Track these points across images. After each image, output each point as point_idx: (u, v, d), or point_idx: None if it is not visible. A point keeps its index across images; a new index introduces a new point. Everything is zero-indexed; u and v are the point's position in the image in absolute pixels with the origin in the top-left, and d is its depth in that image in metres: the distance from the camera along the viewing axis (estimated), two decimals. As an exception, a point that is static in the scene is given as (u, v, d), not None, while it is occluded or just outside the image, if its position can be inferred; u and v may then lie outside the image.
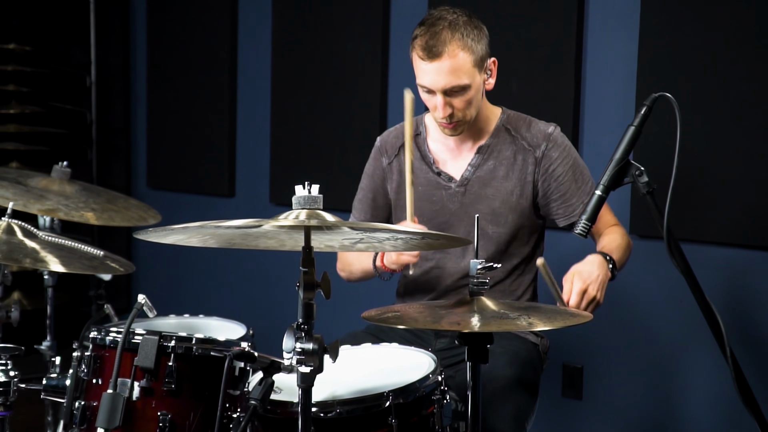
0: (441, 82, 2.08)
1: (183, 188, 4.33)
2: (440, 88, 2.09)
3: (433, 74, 2.08)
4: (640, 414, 3.06)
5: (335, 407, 1.67)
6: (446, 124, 2.16)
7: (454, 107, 2.12)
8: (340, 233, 1.58)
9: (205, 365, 1.68)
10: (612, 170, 1.64)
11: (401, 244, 1.63)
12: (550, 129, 2.24)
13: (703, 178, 2.75)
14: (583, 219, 1.69)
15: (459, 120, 2.15)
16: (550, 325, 1.58)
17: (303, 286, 1.44)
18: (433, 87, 2.10)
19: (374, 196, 2.38)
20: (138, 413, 1.62)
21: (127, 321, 1.60)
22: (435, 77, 2.08)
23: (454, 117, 2.14)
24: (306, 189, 1.46)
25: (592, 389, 3.15)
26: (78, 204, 2.29)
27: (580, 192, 2.23)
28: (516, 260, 2.26)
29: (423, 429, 1.78)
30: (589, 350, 3.15)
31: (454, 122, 2.15)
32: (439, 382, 1.82)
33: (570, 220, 2.23)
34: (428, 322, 1.64)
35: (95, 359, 1.69)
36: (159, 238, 1.54)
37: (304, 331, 1.45)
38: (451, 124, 2.15)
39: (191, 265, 4.35)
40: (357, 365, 1.97)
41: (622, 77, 2.97)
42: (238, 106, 4.15)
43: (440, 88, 2.09)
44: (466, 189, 2.25)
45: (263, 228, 1.54)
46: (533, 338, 2.28)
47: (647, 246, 2.96)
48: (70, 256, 1.90)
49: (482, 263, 1.67)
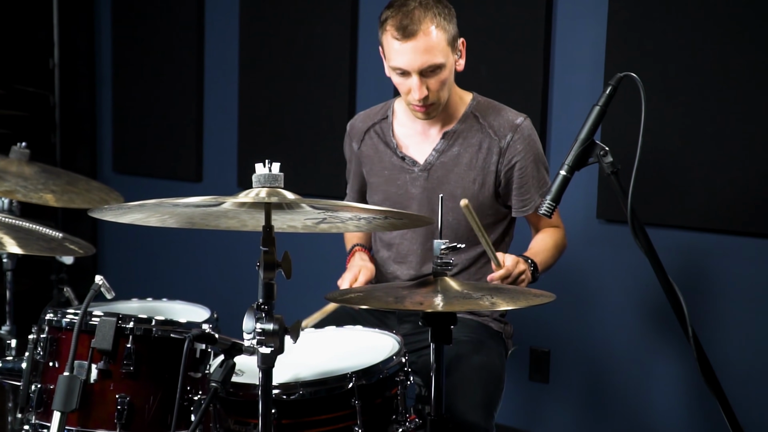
0: (417, 62, 2.05)
1: (149, 173, 4.29)
2: (416, 68, 2.06)
3: (409, 54, 2.05)
4: (606, 397, 3.09)
5: (298, 389, 1.67)
6: (420, 107, 2.13)
7: (429, 89, 2.09)
8: (302, 213, 1.56)
9: (165, 347, 1.65)
10: (577, 150, 1.64)
11: (365, 224, 1.61)
12: (519, 120, 2.21)
13: (667, 162, 2.77)
14: (548, 199, 1.69)
15: (433, 102, 2.13)
16: (513, 305, 1.58)
17: (263, 266, 1.42)
18: (409, 67, 2.06)
19: (361, 178, 2.41)
20: (96, 396, 1.59)
21: (84, 302, 1.57)
22: (411, 57, 2.05)
23: (429, 99, 2.11)
24: (266, 167, 1.43)
25: (559, 373, 3.17)
26: (37, 186, 2.24)
27: (538, 186, 2.23)
28: (480, 248, 2.25)
29: (387, 410, 1.77)
30: (556, 334, 3.17)
31: (429, 105, 2.12)
32: (402, 363, 1.82)
33: (522, 212, 2.24)
34: (391, 302, 1.63)
35: (51, 342, 1.65)
36: (115, 217, 1.51)
37: (264, 311, 1.43)
38: (425, 107, 2.13)
39: (156, 249, 4.31)
40: (320, 347, 1.96)
41: (590, 62, 2.97)
42: (205, 90, 4.11)
43: (416, 68, 2.06)
44: (429, 173, 2.24)
45: (223, 207, 1.52)
46: (496, 326, 2.28)
47: (613, 230, 2.98)
48: (27, 237, 1.86)
49: (446, 243, 1.66)
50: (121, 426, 1.59)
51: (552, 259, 2.23)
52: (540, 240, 2.26)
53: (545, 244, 2.23)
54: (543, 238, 2.26)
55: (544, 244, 2.23)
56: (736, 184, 2.66)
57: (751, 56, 2.60)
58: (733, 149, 2.65)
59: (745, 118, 2.62)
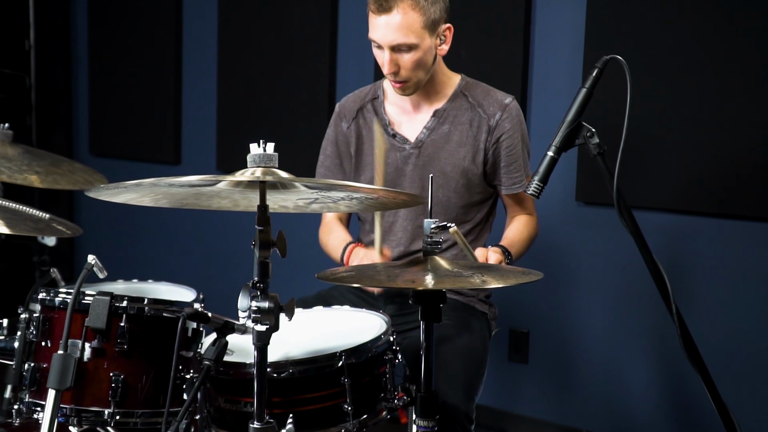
0: (388, 37, 2.10)
1: (127, 155, 4.26)
2: (387, 43, 2.10)
3: (382, 28, 2.10)
4: (584, 377, 3.14)
5: (288, 367, 1.68)
6: (393, 82, 2.18)
7: (400, 66, 2.13)
8: (295, 193, 1.58)
9: (157, 326, 1.67)
10: (564, 131, 1.67)
11: (356, 204, 1.64)
12: (507, 100, 2.26)
13: (646, 145, 2.82)
14: (536, 180, 1.72)
15: (405, 80, 2.16)
16: (503, 283, 1.61)
17: (258, 245, 1.43)
18: (381, 42, 2.11)
19: (340, 161, 2.39)
20: (90, 374, 1.61)
21: (78, 281, 1.58)
22: (383, 32, 2.10)
23: (400, 76, 2.15)
24: (261, 147, 1.45)
25: (538, 353, 3.22)
26: (21, 167, 2.23)
27: (525, 166, 2.28)
28: (468, 226, 2.29)
29: (375, 388, 1.80)
30: (535, 315, 3.21)
31: (401, 81, 2.16)
32: (391, 342, 1.84)
33: (511, 190, 2.28)
34: (382, 280, 1.66)
35: (44, 321, 1.66)
36: (111, 196, 1.52)
37: (259, 289, 1.45)
38: (398, 83, 2.17)
39: (136, 230, 4.29)
40: (309, 327, 1.98)
41: (570, 44, 3.01)
42: (183, 71, 4.08)
43: (387, 43, 2.10)
44: (420, 151, 2.27)
45: (217, 187, 1.53)
46: (481, 307, 2.32)
47: (592, 212, 3.03)
48: (15, 218, 1.86)
49: (436, 222, 1.69)
50: (115, 404, 1.61)
51: (525, 249, 2.29)
52: (515, 229, 2.30)
53: (521, 235, 2.28)
54: (518, 228, 2.30)
55: (519, 234, 2.28)
56: (711, 165, 2.71)
57: (732, 37, 2.64)
58: (710, 131, 2.71)
59: (724, 100, 2.67)
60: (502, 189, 2.29)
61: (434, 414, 1.74)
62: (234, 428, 1.71)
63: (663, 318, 2.91)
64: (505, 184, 2.28)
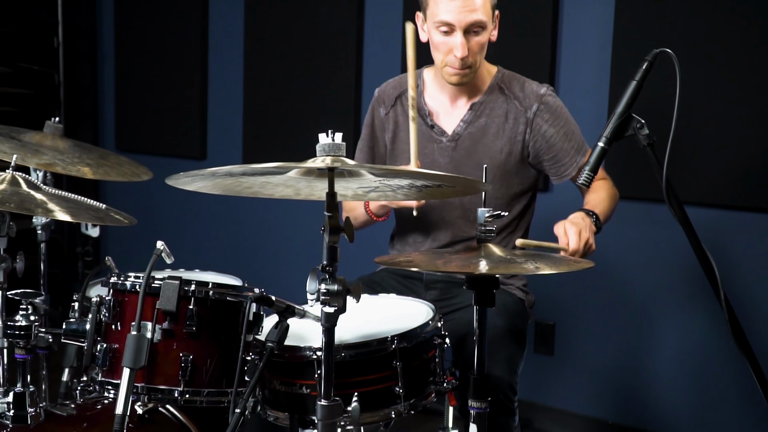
0: (466, 18, 2.13)
1: (152, 151, 4.31)
2: (464, 23, 2.14)
3: (458, 9, 2.13)
4: (610, 370, 3.19)
5: (341, 351, 1.74)
6: (458, 69, 2.21)
7: (469, 50, 2.18)
8: (357, 181, 1.65)
9: (222, 310, 1.75)
10: (614, 123, 1.74)
11: (415, 193, 1.71)
12: (543, 90, 2.32)
13: (689, 142, 2.84)
14: (587, 170, 1.79)
15: (470, 65, 2.21)
16: (556, 270, 1.68)
17: (328, 230, 1.50)
18: (456, 22, 2.14)
19: (374, 145, 2.46)
20: (160, 355, 1.69)
21: (149, 265, 1.65)
22: (460, 12, 2.13)
23: (468, 61, 2.19)
24: (330, 137, 1.53)
25: (564, 346, 3.27)
26: (73, 159, 2.30)
27: (573, 152, 2.31)
28: (507, 219, 2.35)
29: (425, 371, 1.87)
30: (561, 307, 3.26)
31: (466, 67, 2.21)
32: (438, 327, 1.91)
33: (562, 179, 2.34)
34: (438, 265, 1.73)
35: (115, 304, 1.74)
36: (186, 184, 1.60)
37: (328, 273, 1.52)
38: (462, 69, 2.21)
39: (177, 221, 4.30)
40: (359, 313, 2.05)
41: (597, 39, 3.04)
42: (209, 66, 4.12)
43: (464, 23, 2.14)
44: (456, 144, 2.33)
45: (285, 176, 1.61)
46: (520, 294, 2.39)
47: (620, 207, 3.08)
48: (76, 207, 1.93)
49: (490, 211, 1.77)
50: (184, 383, 1.68)
51: (609, 208, 2.27)
52: (593, 194, 2.30)
53: (599, 196, 2.27)
54: (596, 191, 2.30)
55: (597, 196, 2.27)
56: (757, 160, 2.73)
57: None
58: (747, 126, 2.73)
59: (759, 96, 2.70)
60: (555, 179, 2.34)
61: (487, 395, 1.81)
62: (288, 410, 1.78)
63: (689, 312, 2.98)
64: (556, 174, 2.32)
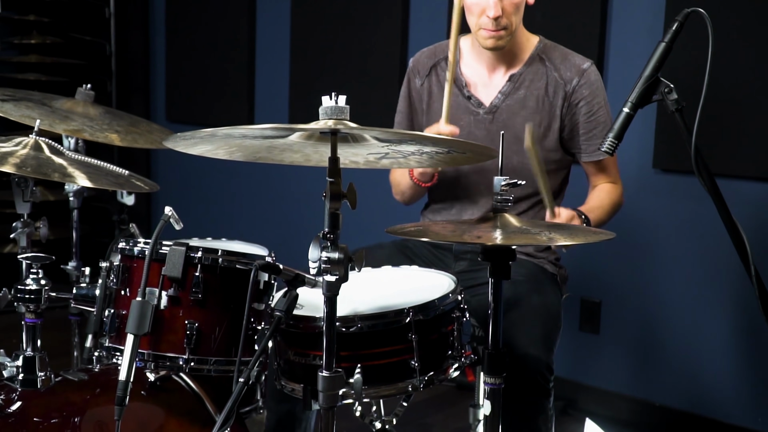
0: None
1: (201, 121, 4.36)
2: None
3: None
4: (657, 349, 3.11)
5: (356, 322, 1.71)
6: (492, 30, 2.14)
7: (504, 10, 2.12)
8: (365, 147, 1.61)
9: (230, 277, 1.73)
10: (641, 87, 1.64)
11: (426, 160, 1.66)
12: (586, 65, 2.24)
13: (726, 109, 2.74)
14: (610, 137, 1.70)
15: (505, 27, 2.14)
16: (571, 241, 1.61)
17: (329, 196, 1.46)
18: None
19: (413, 117, 2.41)
20: (166, 322, 1.67)
21: (155, 231, 1.64)
22: None
23: (501, 23, 2.13)
24: (333, 99, 1.48)
25: (610, 324, 3.20)
26: (102, 126, 2.32)
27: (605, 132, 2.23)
28: (536, 197, 2.27)
29: (442, 346, 1.81)
30: (608, 285, 3.19)
31: (501, 29, 2.14)
32: (458, 301, 1.86)
33: (591, 157, 2.26)
34: (450, 235, 1.67)
35: (123, 270, 1.73)
36: (187, 147, 1.57)
37: (330, 240, 1.48)
38: (498, 30, 2.14)
39: (211, 189, 4.39)
40: (377, 285, 2.02)
41: (649, 8, 2.94)
42: (257, 38, 4.16)
43: None
44: (494, 116, 2.27)
45: (289, 140, 1.57)
46: (552, 268, 2.31)
47: (670, 180, 2.98)
48: (96, 172, 1.94)
49: (506, 180, 1.70)
50: (189, 350, 1.67)
51: (606, 216, 2.25)
52: (596, 197, 2.27)
53: (601, 202, 2.24)
54: (600, 195, 2.27)
55: (600, 201, 2.25)
56: None
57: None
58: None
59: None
60: (582, 156, 2.27)
61: (501, 371, 1.75)
62: (303, 380, 1.75)
63: (745, 289, 2.86)
64: (585, 151, 2.26)
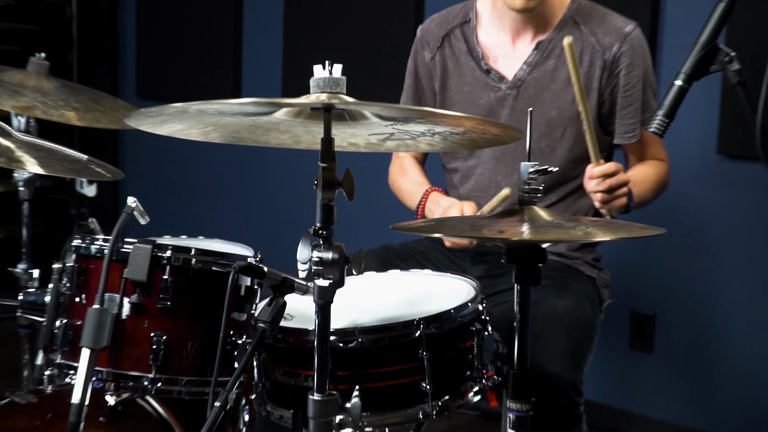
0: None
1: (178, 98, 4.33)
2: None
3: None
4: (722, 372, 3.09)
5: (357, 336, 1.69)
6: None
7: None
8: (366, 126, 1.60)
9: (206, 281, 1.73)
10: (696, 56, 1.63)
11: (439, 141, 1.65)
12: (628, 28, 2.24)
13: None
14: (660, 114, 1.68)
15: None
16: (612, 236, 1.60)
17: (321, 185, 1.45)
18: None
19: (419, 96, 2.41)
20: (128, 333, 1.68)
21: (116, 227, 1.65)
22: None
23: None
24: (326, 69, 1.47)
25: (666, 341, 3.19)
26: (57, 102, 2.31)
27: (645, 109, 2.25)
28: (575, 184, 2.28)
29: (459, 365, 1.80)
30: (663, 295, 3.18)
31: None
32: (479, 311, 1.84)
33: (624, 140, 2.27)
34: (466, 230, 1.66)
35: (78, 272, 1.74)
36: (153, 126, 1.57)
37: (322, 237, 1.47)
38: None
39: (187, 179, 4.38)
40: (384, 292, 2.01)
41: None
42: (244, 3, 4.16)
43: None
44: (518, 92, 2.26)
45: (275, 117, 1.57)
46: (588, 270, 2.31)
47: (737, 167, 2.96)
48: (49, 157, 1.94)
49: (535, 166, 1.69)
50: (156, 368, 1.67)
51: (650, 194, 2.26)
52: (640, 170, 2.27)
53: (646, 176, 2.25)
54: (644, 170, 2.28)
55: (644, 175, 2.25)
56: None
57: None
58: None
59: None
60: (616, 138, 2.28)
61: (530, 396, 1.75)
62: (293, 405, 1.75)
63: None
64: (618, 131, 2.27)
